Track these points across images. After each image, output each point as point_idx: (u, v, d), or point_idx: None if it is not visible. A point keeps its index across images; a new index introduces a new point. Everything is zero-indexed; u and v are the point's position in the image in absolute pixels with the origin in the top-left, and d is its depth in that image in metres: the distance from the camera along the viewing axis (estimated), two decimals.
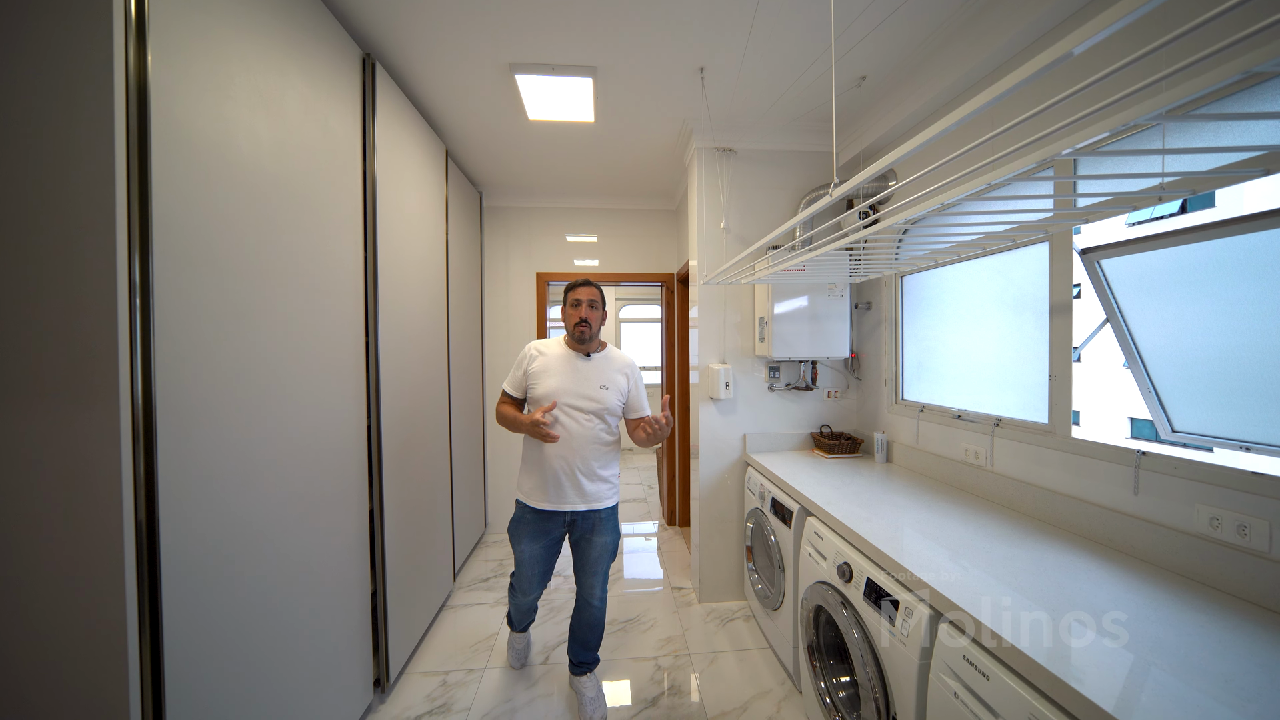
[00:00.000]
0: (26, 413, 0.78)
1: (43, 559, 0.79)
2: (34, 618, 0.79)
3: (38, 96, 0.78)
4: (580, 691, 1.61)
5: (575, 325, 1.55)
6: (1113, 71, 0.51)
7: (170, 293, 0.88)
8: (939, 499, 1.54)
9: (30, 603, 0.79)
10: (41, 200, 0.78)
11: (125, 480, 0.80)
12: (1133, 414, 5.99)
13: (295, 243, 1.23)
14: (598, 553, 1.56)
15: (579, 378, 1.53)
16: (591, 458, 1.52)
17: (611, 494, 1.58)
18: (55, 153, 0.78)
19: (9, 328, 0.78)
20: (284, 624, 1.18)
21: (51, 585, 0.79)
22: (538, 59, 1.70)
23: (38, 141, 0.78)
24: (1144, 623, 0.85)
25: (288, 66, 1.21)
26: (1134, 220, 1.02)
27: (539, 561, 1.56)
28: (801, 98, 1.93)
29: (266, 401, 1.13)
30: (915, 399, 1.95)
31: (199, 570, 0.93)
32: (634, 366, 1.63)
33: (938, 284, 1.85)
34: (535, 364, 1.55)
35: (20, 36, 0.77)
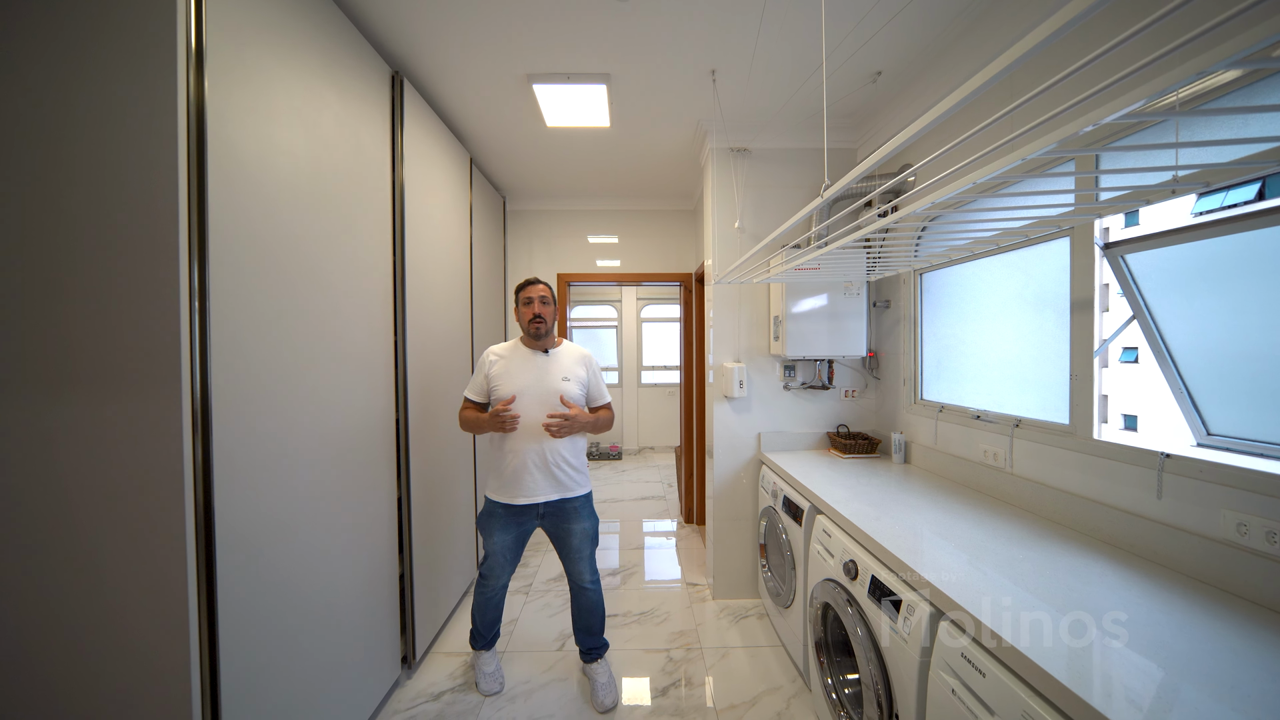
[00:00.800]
0: (100, 402, 0.90)
1: (114, 537, 0.91)
2: (106, 590, 0.91)
3: (115, 119, 0.89)
4: (593, 678, 1.68)
5: (530, 322, 1.59)
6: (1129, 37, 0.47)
7: (223, 295, 0.99)
8: (954, 500, 1.51)
9: (102, 575, 0.91)
10: (113, 212, 0.90)
11: (186, 464, 0.91)
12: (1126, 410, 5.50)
13: (331, 250, 1.34)
14: (579, 540, 1.62)
15: (541, 373, 1.59)
16: (562, 448, 1.58)
17: (584, 481, 1.64)
18: (128, 168, 0.90)
19: (87, 328, 0.90)
20: (324, 599, 1.29)
21: (122, 561, 0.91)
22: (554, 69, 1.76)
23: (112, 163, 0.90)
24: (1149, 625, 0.83)
25: (324, 88, 1.32)
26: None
27: (509, 549, 1.62)
28: (816, 95, 1.93)
29: (306, 394, 1.24)
30: (934, 399, 1.91)
31: (248, 549, 1.04)
32: (590, 357, 1.70)
33: (958, 281, 1.80)
34: (495, 368, 1.59)
35: (96, 69, 0.89)
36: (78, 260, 0.90)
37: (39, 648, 0.91)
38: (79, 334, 0.90)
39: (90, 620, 0.91)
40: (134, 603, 0.91)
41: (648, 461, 5.21)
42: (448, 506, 2.11)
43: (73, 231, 0.90)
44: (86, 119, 0.89)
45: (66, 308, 0.90)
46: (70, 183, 0.90)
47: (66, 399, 0.90)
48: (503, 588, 1.71)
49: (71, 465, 0.90)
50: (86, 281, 0.90)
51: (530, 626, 2.11)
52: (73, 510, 0.91)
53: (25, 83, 0.89)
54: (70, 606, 0.91)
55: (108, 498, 0.90)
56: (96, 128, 0.89)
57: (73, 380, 0.91)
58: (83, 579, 0.91)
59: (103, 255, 0.90)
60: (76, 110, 0.89)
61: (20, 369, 0.90)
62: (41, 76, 0.89)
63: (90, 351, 0.90)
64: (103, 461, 0.90)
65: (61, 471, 0.91)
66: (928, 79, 1.77)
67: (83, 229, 0.90)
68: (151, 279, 0.90)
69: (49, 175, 0.90)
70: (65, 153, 0.90)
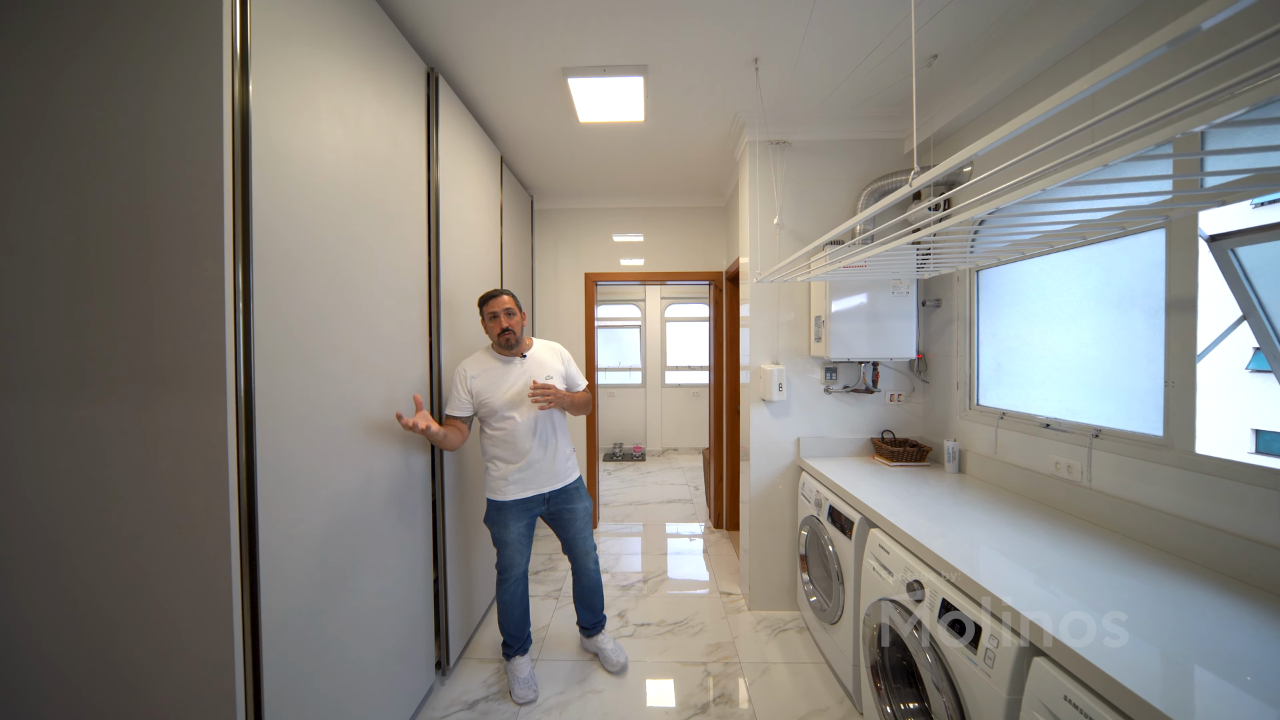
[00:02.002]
0: (143, 406, 0.89)
1: (156, 543, 0.89)
2: (147, 597, 0.89)
3: (160, 123, 0.87)
4: (600, 647, 1.84)
5: (500, 335, 1.63)
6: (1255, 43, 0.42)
7: (267, 296, 0.96)
8: (1023, 515, 1.40)
9: (144, 582, 0.89)
10: (159, 214, 0.88)
11: (230, 468, 0.88)
12: (1258, 425, 5.15)
13: (369, 248, 1.32)
14: (581, 520, 1.76)
15: (527, 379, 1.66)
16: (554, 440, 1.71)
17: (575, 467, 1.79)
18: (170, 174, 0.88)
19: (130, 330, 0.89)
20: (360, 605, 1.26)
21: (164, 567, 0.89)
22: (589, 61, 1.71)
23: (156, 166, 0.88)
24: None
25: (363, 85, 1.29)
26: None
27: (523, 536, 1.72)
28: (864, 82, 1.82)
29: (346, 397, 1.21)
30: (993, 404, 1.78)
31: (288, 555, 1.02)
32: (561, 349, 1.80)
33: (1021, 278, 1.68)
34: (476, 382, 1.63)
35: (140, 72, 0.87)
36: (122, 263, 0.88)
37: (80, 654, 0.90)
38: (122, 337, 0.89)
39: (132, 627, 0.90)
40: (177, 609, 0.89)
41: (672, 463, 5.14)
42: (480, 510, 2.09)
43: (117, 234, 0.88)
44: (130, 121, 0.88)
45: (109, 310, 0.89)
46: (113, 185, 0.88)
47: (109, 402, 0.89)
48: (523, 577, 1.75)
49: (113, 469, 0.89)
50: (130, 284, 0.89)
51: (562, 633, 2.06)
52: (114, 516, 0.89)
53: (69, 86, 0.88)
54: (111, 612, 0.90)
55: (151, 503, 0.89)
56: (140, 130, 0.87)
57: (116, 383, 0.89)
58: (124, 586, 0.90)
59: (147, 258, 0.88)
60: (120, 113, 0.88)
61: (62, 371, 0.89)
62: (85, 80, 0.88)
63: (134, 354, 0.89)
64: (145, 466, 0.89)
65: (103, 476, 0.89)
66: (987, 63, 1.65)
67: (127, 232, 0.88)
68: (197, 281, 0.87)
69: (91, 178, 0.88)
70: (107, 155, 0.88)
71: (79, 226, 0.89)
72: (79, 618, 0.90)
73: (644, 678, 1.79)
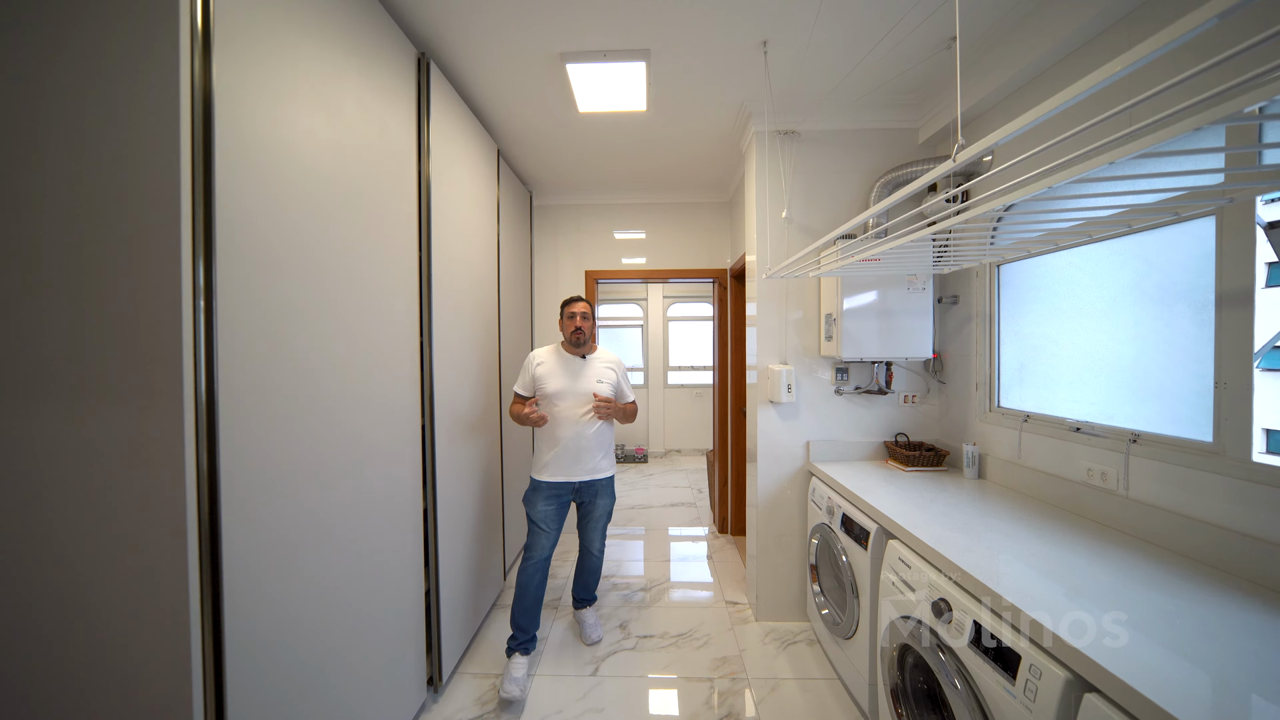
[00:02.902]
0: (95, 411, 0.80)
1: (109, 553, 0.81)
2: (99, 609, 0.81)
3: (107, 103, 0.79)
4: (583, 620, 2.03)
5: (572, 333, 1.86)
6: None
7: (232, 293, 0.88)
8: (1055, 527, 1.30)
9: (97, 595, 0.81)
10: (109, 204, 0.79)
11: (189, 478, 0.80)
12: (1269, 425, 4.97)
13: (352, 243, 1.23)
14: (599, 513, 1.94)
15: (578, 376, 1.85)
16: (593, 440, 1.84)
17: (609, 466, 1.92)
18: (123, 157, 0.79)
19: (79, 329, 0.80)
20: (343, 620, 1.18)
21: (117, 579, 0.81)
22: (589, 46, 1.62)
23: (107, 146, 0.79)
24: None
25: (346, 68, 1.21)
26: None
27: (551, 518, 1.84)
28: (879, 67, 1.72)
29: (325, 400, 1.13)
30: (1016, 406, 1.69)
31: (259, 566, 0.93)
32: (619, 362, 1.97)
33: (1045, 272, 1.58)
34: (540, 369, 1.86)
35: (91, 44, 0.79)
36: (66, 259, 0.80)
37: (16, 693, 0.82)
38: (71, 338, 0.80)
39: (71, 650, 0.81)
40: (128, 632, 0.81)
41: (675, 465, 5.04)
42: (477, 516, 2.00)
43: (58, 228, 0.80)
44: (73, 103, 0.79)
45: (55, 310, 0.80)
46: (53, 173, 0.80)
47: (57, 408, 0.81)
48: (543, 563, 1.82)
49: (61, 481, 0.81)
50: (75, 283, 0.80)
51: (561, 646, 1.98)
52: (59, 531, 0.81)
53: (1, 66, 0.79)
54: (50, 634, 0.81)
55: (101, 518, 0.80)
56: (86, 113, 0.79)
57: (67, 388, 0.81)
58: (70, 609, 0.81)
59: (96, 254, 0.80)
60: (62, 93, 0.79)
61: (8, 375, 0.81)
62: (19, 57, 0.79)
63: (81, 359, 0.80)
64: (96, 478, 0.80)
65: (50, 488, 0.81)
66: (1010, 44, 1.55)
67: (70, 225, 0.80)
68: (152, 278, 0.79)
69: (26, 165, 0.80)
70: (47, 139, 0.79)
71: (13, 218, 0.80)
72: (11, 658, 0.82)
73: (647, 693, 1.70)
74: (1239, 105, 0.55)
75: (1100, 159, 0.69)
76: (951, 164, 0.80)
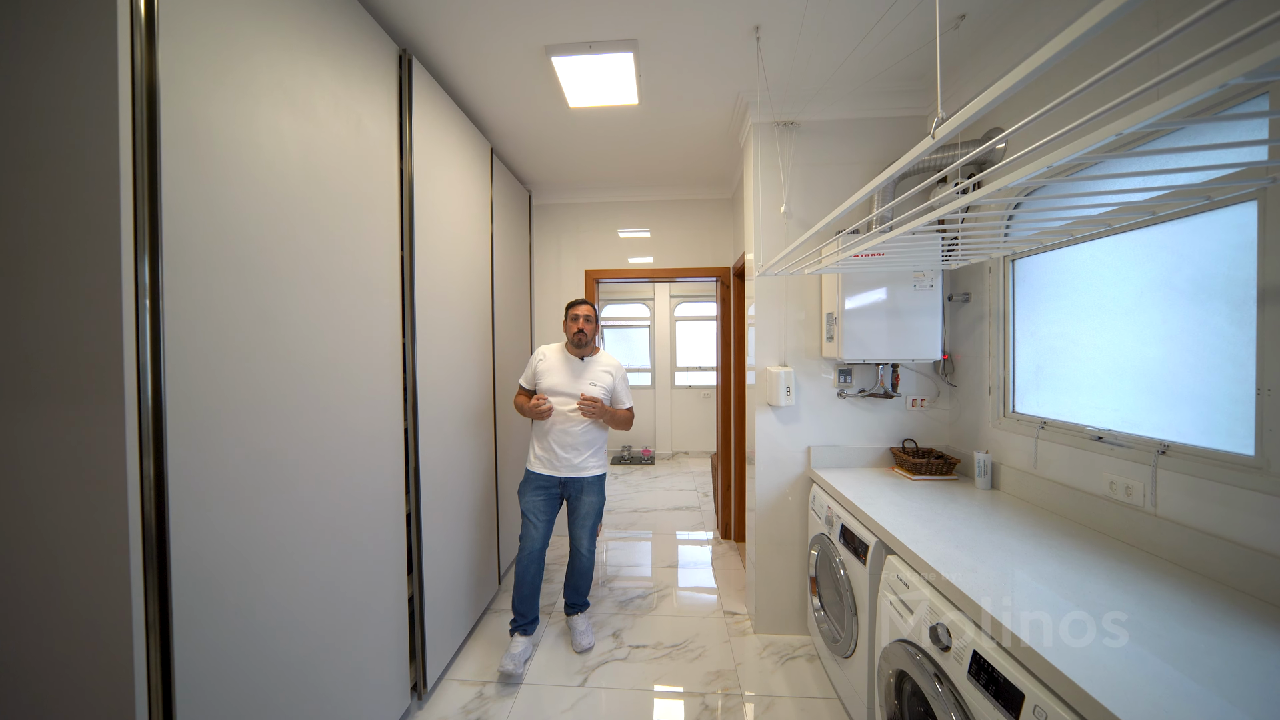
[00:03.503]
0: (30, 415, 0.78)
1: (48, 563, 0.78)
2: (40, 617, 0.79)
3: (41, 94, 0.77)
4: (574, 627, 1.98)
5: (575, 334, 1.94)
6: None
7: (183, 294, 0.85)
8: (1071, 545, 1.19)
9: (37, 603, 0.79)
10: (43, 200, 0.77)
11: (131, 485, 0.77)
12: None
13: (325, 243, 1.20)
14: (585, 510, 1.94)
15: (573, 376, 1.93)
16: (578, 438, 1.89)
17: (596, 466, 1.95)
18: (58, 151, 0.77)
19: (12, 329, 0.78)
20: (313, 628, 1.15)
21: (59, 586, 0.78)
22: (574, 37, 1.57)
23: (40, 140, 0.77)
24: None
25: (317, 64, 1.18)
26: None
27: (539, 510, 1.91)
28: (880, 51, 1.63)
29: (294, 404, 1.10)
30: (1032, 412, 1.57)
31: (215, 576, 0.91)
32: (619, 366, 2.01)
33: (1065, 267, 1.46)
34: (542, 364, 1.96)
35: (21, 33, 0.77)
36: (3, 256, 0.78)
37: None
38: (7, 337, 0.78)
39: (16, 663, 0.79)
40: (70, 643, 0.78)
41: (681, 467, 4.97)
42: (466, 521, 1.97)
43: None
44: (6, 92, 0.77)
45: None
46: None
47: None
48: (536, 555, 1.89)
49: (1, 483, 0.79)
50: (14, 280, 0.78)
51: (551, 654, 1.93)
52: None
53: None
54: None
55: (41, 522, 0.78)
56: (18, 105, 0.77)
57: (4, 389, 0.79)
58: (7, 616, 0.79)
59: (31, 250, 0.77)
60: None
61: None
62: None
63: (14, 360, 0.78)
64: (30, 485, 0.78)
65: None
66: (1023, 21, 1.44)
67: (8, 221, 0.78)
68: (90, 276, 0.76)
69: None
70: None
71: None
72: None
73: (636, 707, 1.64)
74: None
75: (1122, 121, 0.59)
76: (930, 140, 0.72)
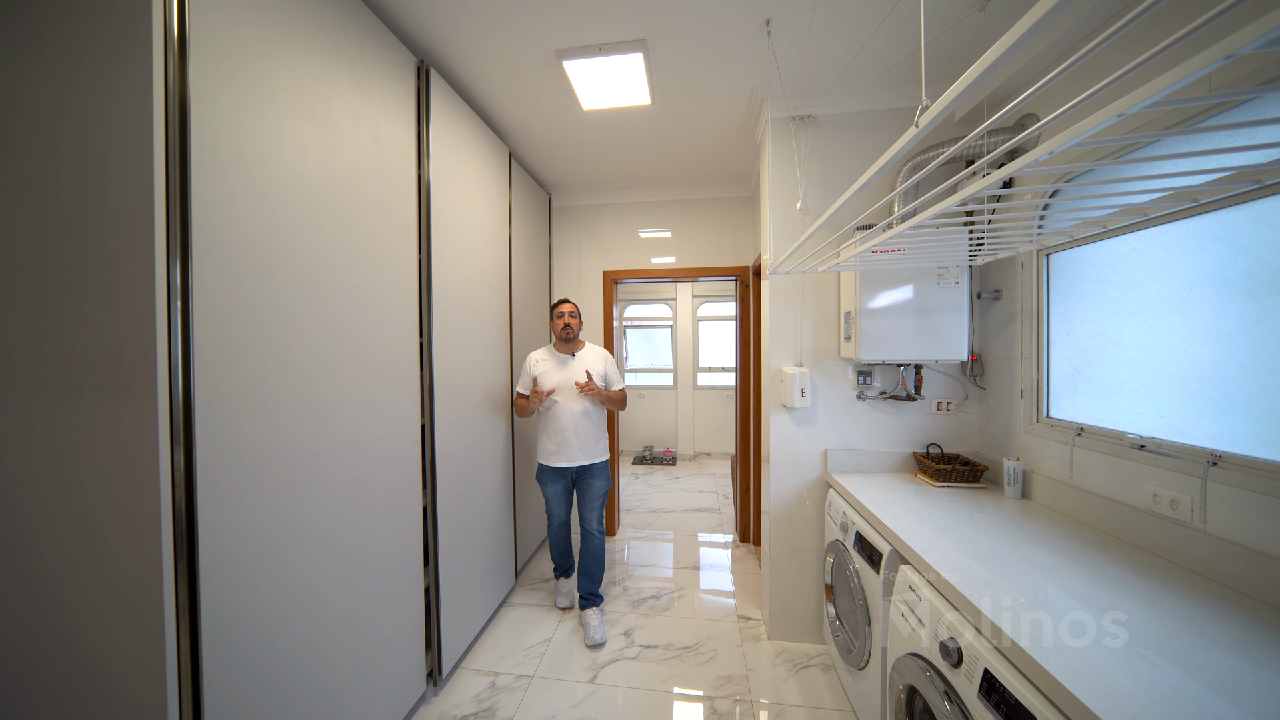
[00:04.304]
0: (68, 408, 0.86)
1: (83, 547, 0.86)
2: (71, 604, 0.87)
3: (81, 110, 0.84)
4: (587, 622, 2.07)
5: (562, 329, 2.12)
6: None
7: (212, 295, 0.92)
8: (1106, 561, 1.10)
9: (69, 590, 0.87)
10: (84, 207, 0.85)
11: (163, 471, 0.84)
12: None
13: (345, 247, 1.27)
14: (595, 493, 2.15)
15: (569, 372, 2.10)
16: (586, 426, 2.10)
17: (603, 451, 2.17)
18: (98, 161, 0.84)
19: (53, 327, 0.86)
20: (331, 616, 1.22)
21: (91, 576, 0.86)
22: (583, 40, 1.59)
23: (82, 149, 0.85)
24: None
25: (335, 78, 1.24)
26: None
27: (560, 496, 2.16)
28: (897, 38, 1.56)
29: (315, 399, 1.16)
30: (1068, 417, 1.46)
31: (239, 563, 0.97)
32: (606, 355, 2.23)
33: (1106, 261, 1.35)
34: (538, 368, 2.13)
35: (65, 49, 0.85)
36: (43, 259, 0.86)
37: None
38: (42, 334, 0.87)
39: (47, 649, 0.87)
40: (101, 626, 0.86)
41: (703, 468, 4.92)
42: (483, 515, 2.03)
43: (34, 232, 0.86)
44: (48, 111, 0.85)
45: (32, 309, 0.87)
46: (29, 179, 0.86)
47: (32, 404, 0.87)
48: (564, 524, 2.21)
49: (34, 474, 0.87)
50: (54, 282, 0.86)
51: (561, 648, 1.96)
52: (33, 525, 0.87)
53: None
54: (27, 635, 0.88)
55: (74, 512, 0.86)
56: (60, 120, 0.85)
57: (42, 384, 0.87)
58: (41, 604, 0.87)
59: (72, 253, 0.85)
60: (37, 101, 0.85)
61: None
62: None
63: (55, 356, 0.86)
64: (67, 475, 0.86)
65: (23, 483, 0.87)
66: None
67: (46, 230, 0.86)
68: (125, 279, 0.84)
69: (5, 165, 0.86)
70: (22, 147, 0.86)
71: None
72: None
73: (643, 707, 1.64)
74: None
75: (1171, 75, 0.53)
76: (914, 130, 0.69)
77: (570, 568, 2.31)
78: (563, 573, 2.32)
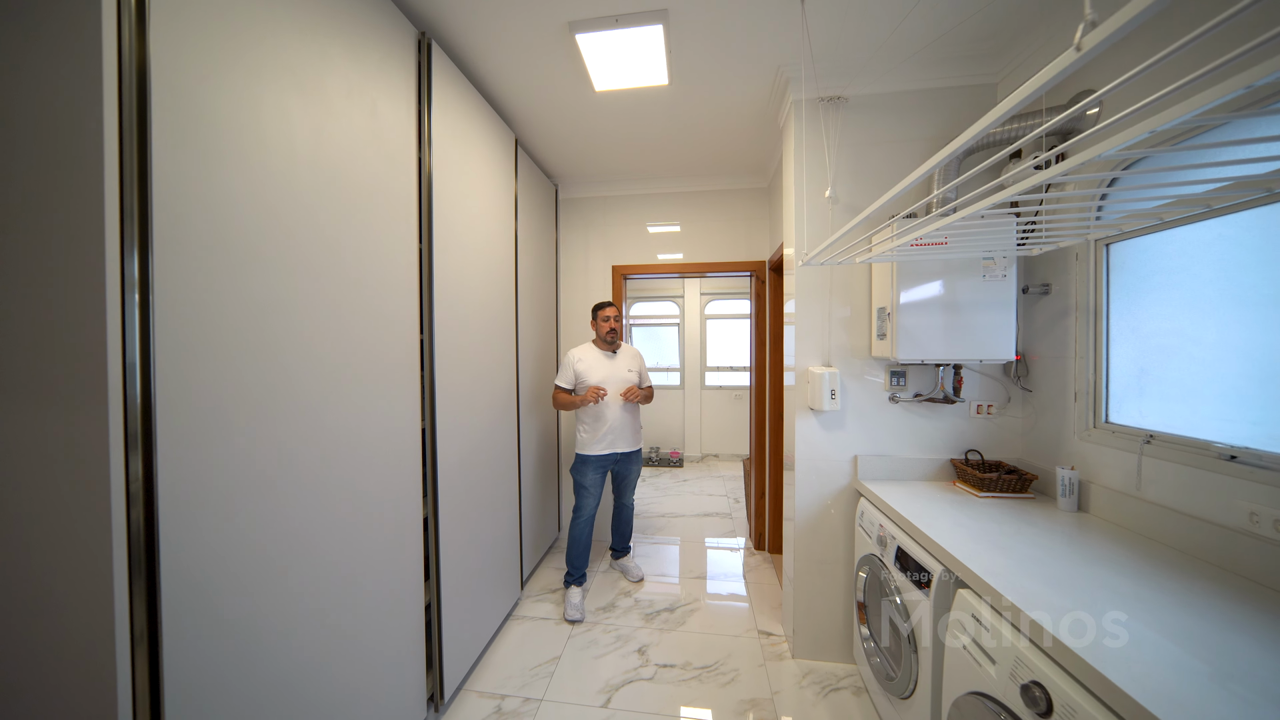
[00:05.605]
0: (5, 413, 0.74)
1: (28, 572, 0.73)
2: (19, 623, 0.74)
3: (21, 73, 0.71)
4: (624, 566, 2.52)
5: (607, 333, 2.32)
6: None
7: (178, 288, 0.79)
8: (1200, 590, 0.97)
9: (16, 623, 0.74)
10: (21, 189, 0.72)
11: (115, 486, 0.71)
12: None
13: (336, 236, 1.14)
14: (633, 475, 2.45)
15: (614, 369, 2.31)
16: (628, 418, 2.33)
17: (640, 438, 2.43)
18: (41, 136, 0.71)
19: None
20: (321, 637, 1.09)
21: (39, 603, 0.73)
22: (599, 11, 1.45)
23: (22, 122, 0.72)
24: None
25: (330, 47, 1.11)
26: None
27: (598, 484, 2.31)
28: (941, 9, 1.43)
29: (300, 402, 1.04)
30: (1133, 423, 1.33)
31: (212, 583, 0.84)
32: (639, 355, 2.45)
33: (1180, 249, 1.22)
34: (581, 365, 2.28)
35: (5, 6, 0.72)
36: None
37: None
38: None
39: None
40: (50, 653, 0.73)
41: (711, 470, 4.79)
42: (488, 525, 1.90)
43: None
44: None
45: None
46: None
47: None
48: (590, 520, 2.30)
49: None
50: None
51: (573, 670, 1.83)
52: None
53: None
54: None
55: (21, 522, 0.74)
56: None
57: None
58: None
59: (13, 243, 0.72)
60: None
61: None
62: None
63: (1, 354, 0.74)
64: (7, 487, 0.74)
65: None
66: None
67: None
68: (73, 269, 0.71)
69: None
70: None
71: None
72: None
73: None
74: None
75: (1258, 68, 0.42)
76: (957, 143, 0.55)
77: (584, 576, 2.29)
78: (574, 581, 2.27)
